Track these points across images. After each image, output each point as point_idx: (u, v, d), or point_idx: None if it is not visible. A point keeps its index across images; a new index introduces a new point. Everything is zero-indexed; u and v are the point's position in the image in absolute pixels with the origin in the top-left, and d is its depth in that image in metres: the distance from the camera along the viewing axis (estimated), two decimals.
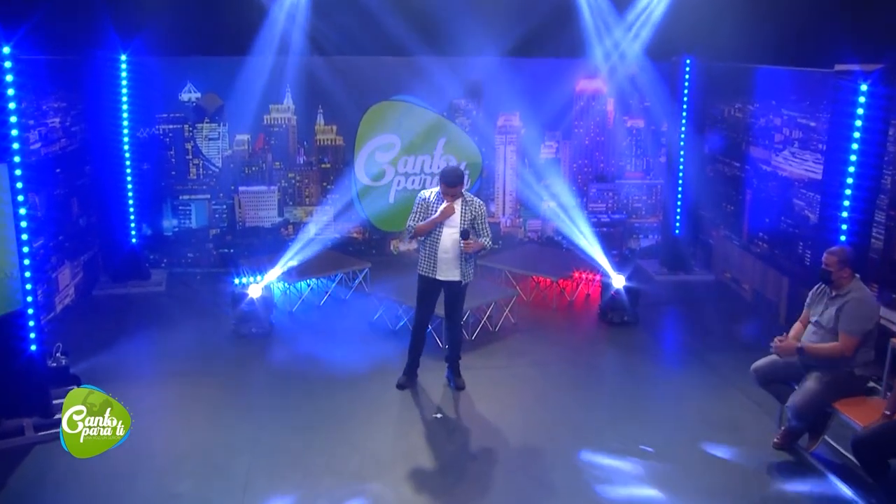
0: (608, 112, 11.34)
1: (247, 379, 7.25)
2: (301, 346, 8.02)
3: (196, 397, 6.87)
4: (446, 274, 6.65)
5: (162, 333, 8.31)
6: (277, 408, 6.68)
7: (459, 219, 6.56)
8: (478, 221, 6.66)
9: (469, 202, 6.64)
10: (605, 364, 7.88)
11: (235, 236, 10.89)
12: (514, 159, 11.36)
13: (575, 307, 9.48)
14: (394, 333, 8.27)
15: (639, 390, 7.19)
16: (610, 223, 11.57)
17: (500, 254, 10.58)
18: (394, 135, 10.91)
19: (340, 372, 7.36)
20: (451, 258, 6.57)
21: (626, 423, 6.48)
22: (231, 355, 7.76)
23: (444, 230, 6.50)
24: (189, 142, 10.64)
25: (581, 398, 6.96)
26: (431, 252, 6.62)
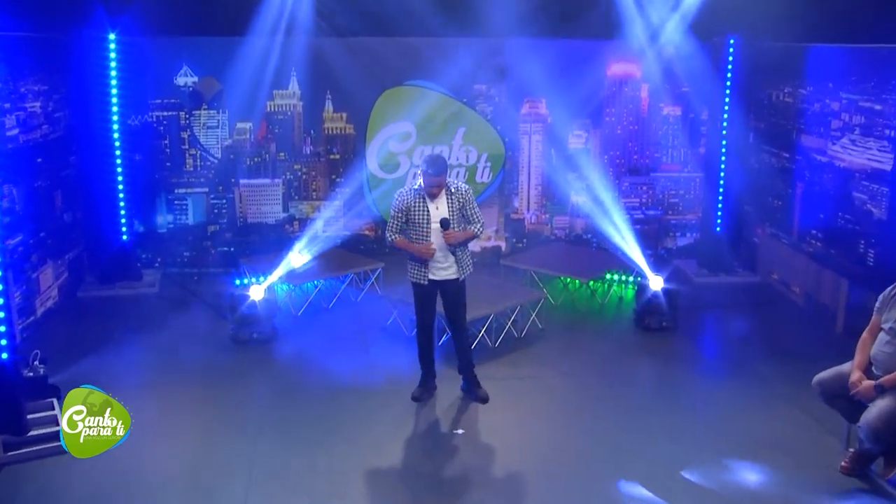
0: (642, 98, 11.21)
1: (245, 390, 7.17)
2: (306, 354, 7.96)
3: (188, 410, 6.77)
4: (440, 273, 6.59)
5: (153, 339, 8.24)
6: (278, 423, 6.57)
7: (447, 211, 6.48)
8: (467, 208, 6.57)
9: (455, 192, 6.54)
10: (641, 375, 7.76)
11: (236, 233, 10.83)
12: (539, 150, 11.29)
13: (607, 311, 9.42)
14: (409, 340, 8.10)
15: (680, 405, 7.03)
16: (644, 220, 11.43)
17: (524, 253, 10.57)
18: (409, 123, 10.81)
19: (349, 382, 7.29)
20: (442, 255, 6.52)
21: (667, 443, 6.30)
22: (229, 363, 7.70)
23: (432, 226, 6.45)
24: (185, 130, 10.56)
25: (615, 413, 6.81)
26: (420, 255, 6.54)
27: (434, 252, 6.45)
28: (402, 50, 10.48)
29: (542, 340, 8.42)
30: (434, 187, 6.41)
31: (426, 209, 6.51)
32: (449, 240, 6.45)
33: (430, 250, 6.44)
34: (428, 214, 6.51)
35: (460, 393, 7.05)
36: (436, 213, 6.50)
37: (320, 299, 9.32)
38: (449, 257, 6.54)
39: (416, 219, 6.52)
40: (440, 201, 6.50)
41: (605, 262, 9.92)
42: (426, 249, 6.45)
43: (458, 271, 6.60)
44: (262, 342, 8.15)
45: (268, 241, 10.59)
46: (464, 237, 6.54)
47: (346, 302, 9.40)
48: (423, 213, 6.52)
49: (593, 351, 8.20)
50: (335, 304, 9.30)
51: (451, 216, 6.48)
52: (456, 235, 6.47)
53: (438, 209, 6.50)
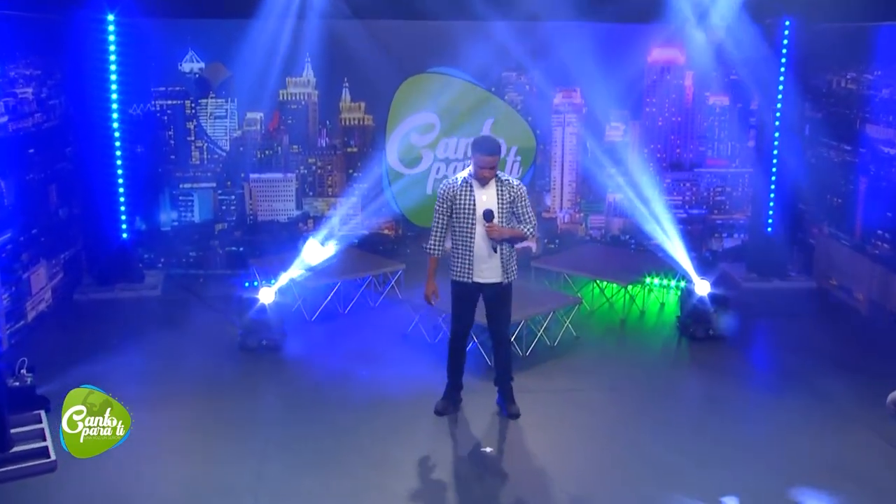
0: (686, 87, 11.14)
1: (252, 402, 7.13)
2: (319, 363, 7.93)
3: (190, 425, 6.69)
4: (485, 275, 6.49)
5: (154, 346, 8.23)
6: (288, 439, 6.49)
7: (496, 203, 6.35)
8: (518, 204, 6.45)
9: (505, 182, 6.43)
10: (688, 389, 7.70)
11: (245, 232, 10.84)
12: (573, 143, 11.26)
13: (648, 319, 9.38)
14: (432, 348, 8.12)
15: (732, 424, 6.87)
16: (687, 219, 11.34)
17: (557, 255, 10.53)
18: (433, 113, 10.79)
19: (366, 395, 7.23)
20: (486, 253, 6.42)
21: (718, 467, 6.16)
22: (235, 373, 7.68)
23: (477, 217, 6.36)
24: (191, 120, 10.54)
25: (660, 432, 6.68)
26: (465, 250, 6.45)
27: (432, 299, 6.59)
28: (426, 34, 10.44)
29: (578, 350, 8.36)
30: (485, 169, 6.25)
31: (472, 198, 6.37)
32: (491, 233, 6.31)
33: (430, 295, 6.58)
34: (474, 204, 6.36)
35: (488, 406, 6.98)
36: (483, 203, 6.35)
37: (335, 303, 9.27)
38: (493, 257, 6.41)
39: (462, 208, 6.39)
40: (489, 191, 6.36)
41: (645, 265, 9.82)
42: (429, 293, 6.58)
43: (502, 274, 6.47)
44: (272, 350, 8.10)
45: (280, 240, 10.53)
46: (509, 234, 6.40)
47: (364, 307, 9.39)
48: (469, 203, 6.37)
49: (634, 362, 8.15)
50: (351, 309, 9.27)
51: (499, 209, 6.35)
52: (500, 230, 6.32)
53: (486, 199, 6.35)
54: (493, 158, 6.27)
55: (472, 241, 6.40)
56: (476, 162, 6.29)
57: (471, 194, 6.39)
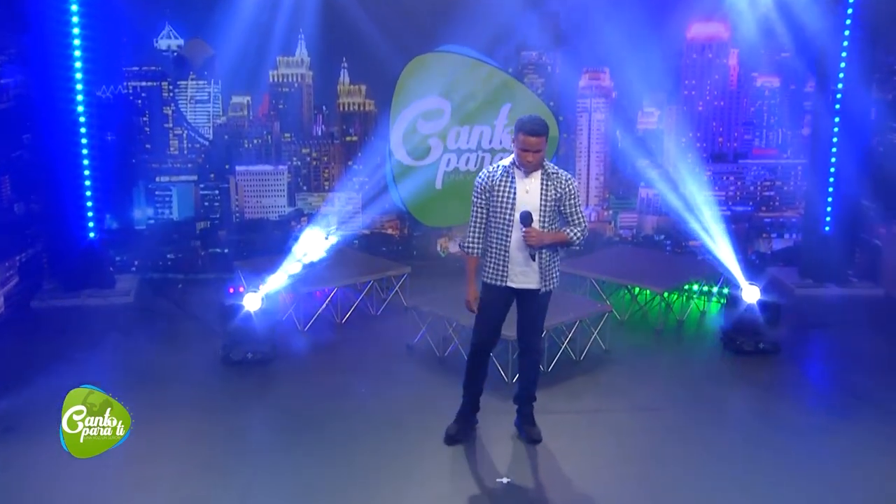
0: (731, 67, 11.17)
1: (237, 424, 7.05)
2: (313, 379, 7.89)
3: (163, 452, 6.58)
4: (520, 280, 6.33)
5: (124, 360, 8.19)
6: (278, 466, 6.43)
7: (539, 200, 6.16)
8: (566, 202, 6.23)
9: (554, 175, 6.21)
10: (734, 410, 7.62)
11: (231, 231, 10.93)
12: (601, 131, 11.35)
13: (687, 330, 9.38)
14: (440, 362, 8.13)
15: (786, 450, 6.74)
16: (731, 217, 11.26)
17: (583, 257, 10.50)
18: (442, 98, 10.73)
19: (366, 416, 7.16)
20: (522, 257, 6.28)
21: (771, 499, 6.07)
22: (217, 391, 7.65)
23: (517, 214, 6.20)
24: (169, 105, 10.59)
25: (703, 460, 6.61)
26: (500, 250, 6.30)
27: (473, 305, 6.43)
28: (435, 8, 10.43)
29: (607, 365, 8.31)
30: (528, 152, 6.02)
31: (512, 190, 6.17)
32: (529, 239, 6.12)
33: (472, 301, 6.42)
34: (514, 197, 6.14)
35: (505, 428, 6.90)
36: (524, 197, 6.14)
37: (331, 312, 9.32)
38: (530, 262, 6.26)
39: (500, 202, 6.18)
40: (532, 184, 6.16)
41: (683, 269, 9.87)
42: (470, 298, 6.41)
43: (539, 280, 6.31)
44: (259, 364, 8.06)
45: (270, 240, 10.60)
46: (551, 240, 6.19)
47: (364, 315, 9.46)
48: (508, 195, 6.16)
49: (672, 379, 8.08)
50: (350, 318, 9.31)
51: (541, 207, 6.15)
52: (540, 235, 6.13)
53: (529, 192, 6.16)
54: (537, 140, 6.01)
55: (508, 242, 6.25)
56: (518, 144, 6.07)
57: (510, 186, 6.19)
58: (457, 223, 10.78)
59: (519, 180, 6.17)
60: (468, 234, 6.40)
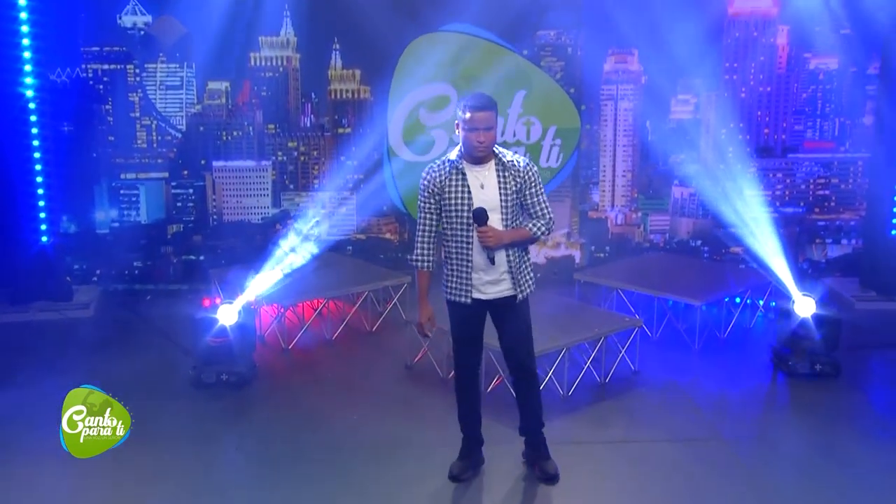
0: (779, 46, 11.20)
1: (209, 457, 7.00)
2: (298, 405, 7.83)
3: (123, 489, 6.51)
4: (488, 291, 6.16)
5: (79, 383, 7.28)
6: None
7: (499, 194, 6.00)
8: (528, 192, 6.08)
9: (510, 164, 6.03)
10: (789, 441, 7.39)
11: (208, 236, 11.02)
12: (629, 122, 11.34)
13: (730, 349, 9.24)
14: (444, 385, 8.01)
15: (851, 487, 6.59)
16: (780, 220, 11.18)
17: (608, 265, 10.54)
18: (447, 84, 10.65)
19: (359, 449, 7.07)
20: (484, 263, 6.09)
21: None
22: (186, 418, 7.55)
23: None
24: (135, 91, 10.64)
25: (753, 499, 6.46)
26: (462, 260, 6.11)
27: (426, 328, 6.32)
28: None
29: (637, 388, 8.23)
30: (479, 132, 5.79)
31: (464, 187, 5.97)
32: (486, 240, 5.94)
33: (424, 323, 6.30)
34: (468, 195, 5.95)
35: (519, 463, 6.74)
36: (480, 193, 5.96)
37: (321, 326, 9.32)
38: (498, 267, 6.11)
39: (453, 203, 5.97)
40: (487, 177, 5.97)
41: (724, 279, 9.70)
42: (422, 319, 6.29)
43: (513, 286, 6.15)
44: (235, 387, 7.97)
45: (252, 246, 10.58)
46: (510, 238, 6.03)
47: (358, 331, 9.45)
48: (463, 194, 5.96)
49: (713, 405, 7.95)
50: (341, 334, 9.29)
51: (502, 202, 5.99)
52: (497, 234, 5.95)
53: (484, 187, 5.97)
54: (486, 115, 5.81)
55: (469, 249, 6.06)
56: (464, 125, 5.84)
57: (462, 183, 5.99)
58: None
59: (471, 174, 5.98)
60: (416, 244, 6.24)
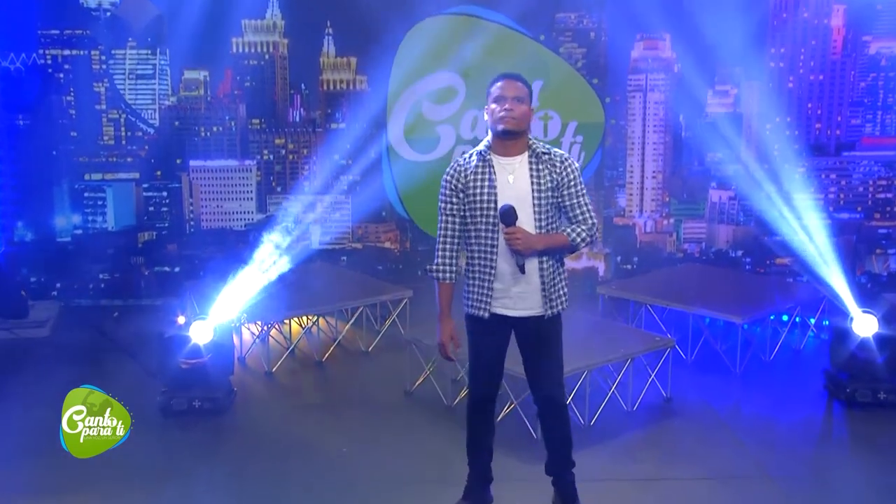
0: (834, 29, 11.31)
1: (179, 494, 6.88)
2: (281, 436, 7.74)
3: None
4: (514, 306, 5.91)
5: (34, 413, 7.96)
6: None
7: (531, 189, 5.75)
8: (567, 191, 5.79)
9: (545, 155, 5.79)
10: (847, 481, 7.22)
11: (184, 244, 11.30)
12: (660, 116, 11.46)
13: (777, 373, 9.19)
14: (448, 413, 8.01)
15: None
16: (834, 226, 11.33)
17: (636, 278, 10.81)
18: (454, 74, 10.58)
19: (349, 485, 6.97)
20: (510, 274, 5.85)
21: None
22: (154, 450, 7.43)
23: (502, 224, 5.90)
24: (101, 81, 10.73)
25: None
26: (484, 267, 5.87)
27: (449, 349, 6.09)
28: None
29: (670, 418, 8.14)
30: (507, 99, 5.59)
31: (491, 182, 5.75)
32: (514, 242, 5.65)
33: (446, 343, 6.06)
34: (494, 190, 5.72)
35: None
36: (508, 188, 5.75)
37: (308, 347, 9.35)
38: (527, 279, 5.86)
39: (477, 199, 5.76)
40: (517, 168, 5.73)
41: (768, 294, 9.70)
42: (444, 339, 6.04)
43: (542, 302, 5.86)
44: (210, 415, 7.88)
45: (234, 256, 10.54)
46: (544, 244, 5.74)
47: (351, 352, 9.48)
48: (486, 190, 5.73)
49: (759, 437, 7.79)
50: (333, 355, 9.31)
51: (535, 199, 5.72)
52: (527, 237, 5.68)
53: (513, 181, 5.73)
54: (518, 86, 5.64)
55: (493, 254, 5.81)
56: (491, 98, 5.69)
57: (488, 175, 5.78)
58: None
59: (499, 166, 5.75)
60: (437, 252, 6.04)
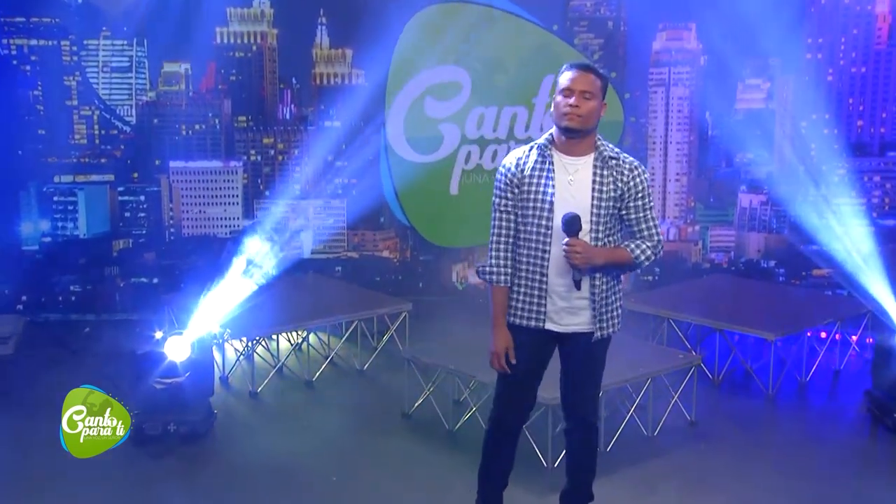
0: (878, 16, 11.20)
1: None
2: (265, 462, 7.62)
3: None
4: (565, 320, 5.76)
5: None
6: None
7: (591, 196, 5.53)
8: (633, 203, 5.61)
9: (613, 161, 5.58)
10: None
11: (164, 254, 11.19)
12: (685, 113, 11.40)
13: (815, 394, 9.16)
14: (449, 439, 7.89)
15: None
16: (878, 234, 11.76)
17: (658, 290, 10.81)
18: (460, 68, 10.65)
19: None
20: (565, 286, 5.69)
21: None
22: (125, 480, 7.31)
23: (557, 235, 5.65)
24: (72, 74, 10.66)
25: None
26: (534, 275, 5.71)
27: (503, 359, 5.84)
28: None
29: (694, 443, 8.00)
30: (575, 93, 5.40)
31: (549, 180, 5.58)
32: (573, 256, 5.49)
33: (500, 353, 5.81)
34: (552, 192, 5.56)
35: None
36: (567, 192, 5.57)
37: (297, 365, 9.32)
38: (579, 293, 5.72)
39: (532, 199, 5.62)
40: (580, 170, 5.57)
41: (804, 308, 9.75)
42: (499, 349, 5.80)
43: (592, 320, 5.73)
44: (187, 441, 7.73)
45: (217, 266, 10.23)
46: (605, 259, 5.58)
47: (344, 370, 9.42)
48: (545, 189, 5.58)
49: (791, 468, 7.63)
50: (324, 375, 9.22)
51: (594, 206, 5.56)
52: (588, 251, 5.50)
53: (574, 183, 5.56)
54: (585, 76, 5.42)
55: (545, 262, 5.66)
56: (558, 88, 5.52)
57: (546, 173, 5.58)
58: (479, 243, 10.51)
59: (559, 164, 5.52)
60: (490, 252, 5.86)
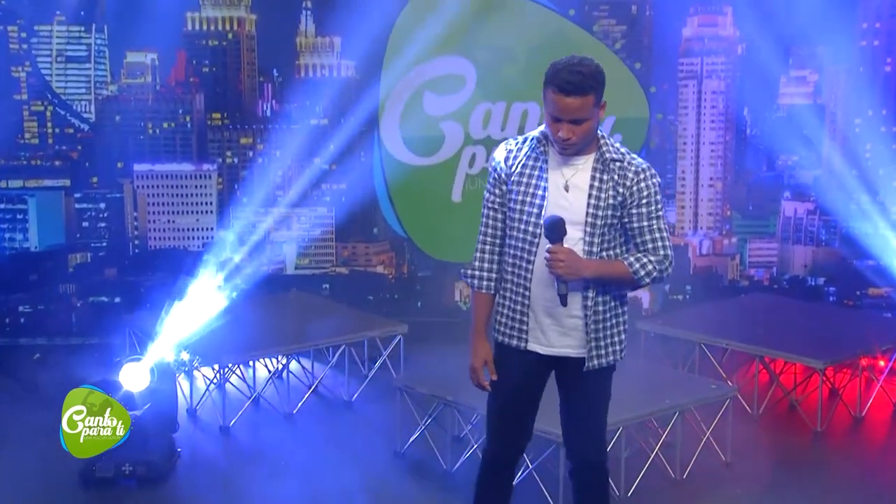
0: None
1: None
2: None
3: None
4: (552, 340, 5.51)
5: None
6: None
7: (586, 202, 5.36)
8: (637, 210, 5.39)
9: (616, 163, 5.37)
10: None
11: (127, 269, 11.16)
12: (719, 110, 11.35)
13: (870, 431, 9.03)
14: (447, 480, 7.74)
15: None
16: None
17: (688, 310, 11.03)
18: (464, 59, 10.72)
19: None
20: (551, 301, 5.43)
21: None
22: None
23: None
24: (21, 64, 10.70)
25: None
26: (518, 287, 5.47)
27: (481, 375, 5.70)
28: None
29: (730, 488, 7.77)
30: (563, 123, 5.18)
31: (542, 181, 5.40)
32: (555, 265, 5.25)
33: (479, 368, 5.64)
34: (543, 194, 5.37)
35: None
36: (560, 196, 5.38)
37: (276, 396, 9.25)
38: (568, 312, 5.46)
39: (519, 199, 5.44)
40: (577, 172, 5.40)
41: (859, 332, 9.59)
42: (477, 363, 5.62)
43: (585, 345, 5.54)
44: (144, 484, 7.59)
45: (186, 283, 10.32)
46: (593, 271, 5.37)
47: (330, 401, 9.42)
48: (535, 189, 5.40)
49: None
50: (306, 406, 9.18)
51: (588, 213, 5.32)
52: (572, 260, 5.27)
53: (569, 187, 5.37)
54: (578, 101, 5.17)
55: (528, 272, 5.35)
56: (547, 106, 5.31)
57: (539, 174, 5.39)
58: None
59: (555, 165, 5.34)
60: (475, 253, 5.60)
